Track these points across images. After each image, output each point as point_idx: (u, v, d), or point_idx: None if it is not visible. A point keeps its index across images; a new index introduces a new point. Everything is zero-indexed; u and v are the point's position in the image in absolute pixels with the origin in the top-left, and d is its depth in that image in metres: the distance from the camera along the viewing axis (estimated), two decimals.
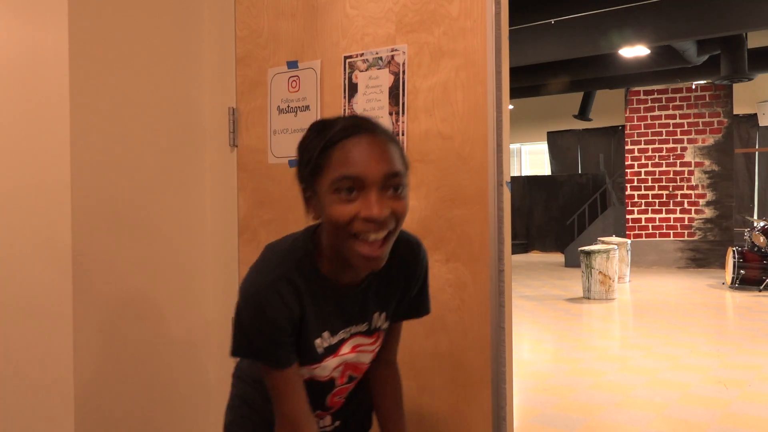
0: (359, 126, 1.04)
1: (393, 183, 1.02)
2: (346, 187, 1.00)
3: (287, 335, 1.09)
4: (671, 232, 11.62)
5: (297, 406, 1.12)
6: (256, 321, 1.07)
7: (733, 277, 8.43)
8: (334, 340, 1.17)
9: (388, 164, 1.02)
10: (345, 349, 1.19)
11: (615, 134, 13.87)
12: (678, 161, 11.56)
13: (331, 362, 1.18)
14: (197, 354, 2.09)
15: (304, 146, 1.09)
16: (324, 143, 1.03)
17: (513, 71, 7.80)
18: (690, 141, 11.47)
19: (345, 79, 1.89)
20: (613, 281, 8.14)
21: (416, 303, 1.30)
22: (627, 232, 11.83)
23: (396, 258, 1.17)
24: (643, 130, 11.82)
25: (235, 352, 1.11)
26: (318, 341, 1.15)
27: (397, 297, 1.25)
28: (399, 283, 1.23)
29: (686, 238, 11.50)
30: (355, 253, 1.02)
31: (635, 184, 11.92)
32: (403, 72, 1.78)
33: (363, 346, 1.22)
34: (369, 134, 1.04)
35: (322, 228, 1.11)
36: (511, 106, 7.82)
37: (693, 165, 11.46)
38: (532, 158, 16.29)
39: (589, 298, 8.14)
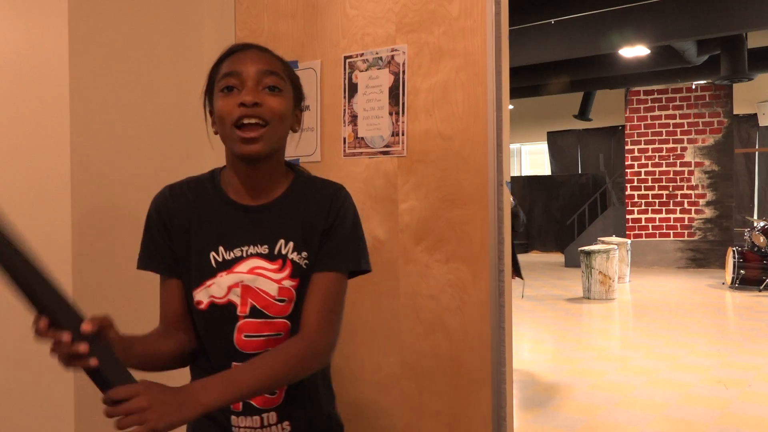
0: (247, 44, 1.24)
1: (269, 81, 1.18)
2: (228, 84, 1.17)
3: (165, 240, 1.22)
4: (671, 232, 11.63)
5: (171, 305, 1.24)
6: (145, 225, 1.25)
7: (733, 277, 8.43)
8: (229, 256, 1.19)
9: (262, 63, 1.19)
10: (241, 267, 1.19)
11: (615, 134, 13.87)
12: (678, 161, 11.56)
13: (225, 278, 1.18)
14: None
15: (207, 77, 1.27)
16: (217, 60, 1.24)
17: (513, 71, 7.78)
18: (690, 141, 11.47)
19: (345, 79, 1.89)
20: (613, 281, 8.14)
21: (334, 251, 1.20)
22: (627, 232, 11.83)
23: (309, 194, 1.24)
24: (643, 130, 11.82)
25: (138, 263, 1.26)
26: (212, 254, 1.20)
27: (311, 232, 1.20)
28: (312, 219, 1.21)
29: (686, 238, 11.50)
30: (235, 137, 1.15)
31: (635, 184, 11.92)
32: (403, 72, 1.78)
33: (263, 270, 1.18)
34: (253, 48, 1.22)
35: (224, 167, 1.27)
36: (511, 106, 7.82)
37: (693, 165, 11.46)
38: (532, 158, 16.29)
39: (589, 298, 8.14)
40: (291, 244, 1.20)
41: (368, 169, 1.84)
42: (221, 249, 1.20)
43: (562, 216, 14.23)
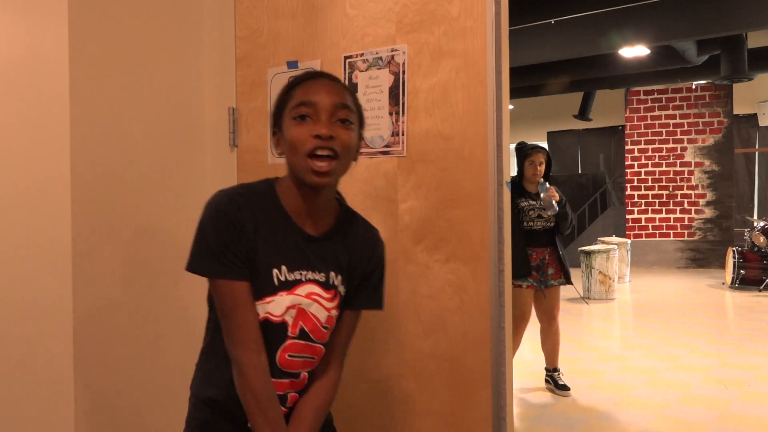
0: (319, 73, 1.29)
1: (341, 114, 1.21)
2: (302, 113, 1.20)
3: (237, 245, 1.19)
4: (671, 232, 11.62)
5: (248, 318, 1.19)
6: (208, 225, 1.19)
7: (733, 277, 8.43)
8: (291, 277, 1.23)
9: (338, 96, 1.22)
10: (300, 290, 1.24)
11: (615, 134, 13.86)
12: (678, 161, 11.56)
13: (285, 298, 1.22)
14: (197, 354, 2.08)
15: (276, 99, 1.29)
16: (289, 85, 1.26)
17: (513, 71, 7.77)
18: (690, 141, 11.46)
19: (345, 79, 1.89)
20: (613, 281, 8.13)
21: (370, 293, 1.35)
22: (627, 232, 11.82)
23: (356, 233, 1.32)
24: (643, 130, 11.81)
25: (191, 263, 1.21)
26: (275, 271, 1.23)
27: (353, 271, 1.31)
28: (356, 259, 1.31)
29: (686, 238, 11.50)
30: (307, 167, 1.18)
31: (635, 184, 11.92)
32: (403, 72, 1.78)
33: (318, 296, 1.26)
34: (326, 78, 1.26)
35: (279, 181, 1.29)
36: (511, 106, 7.82)
37: (693, 165, 11.46)
38: None
39: (589, 298, 8.14)
40: (340, 277, 1.29)
41: (368, 169, 1.84)
42: (284, 268, 1.23)
43: None
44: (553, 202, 4.00)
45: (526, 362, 5.08)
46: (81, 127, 1.75)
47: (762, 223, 8.68)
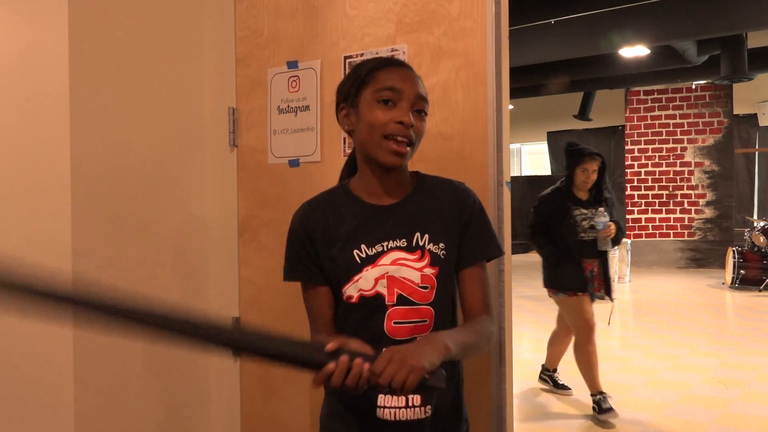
0: (401, 61, 1.35)
1: (419, 105, 1.29)
2: (387, 97, 1.26)
3: (309, 253, 1.31)
4: (671, 232, 11.62)
5: (321, 312, 1.32)
6: (288, 240, 1.35)
7: (733, 277, 8.43)
8: (372, 252, 1.29)
9: (420, 88, 1.29)
10: (384, 260, 1.28)
11: (615, 134, 13.86)
12: (678, 161, 11.55)
13: (371, 272, 1.28)
14: (197, 353, 2.08)
15: (352, 71, 1.34)
16: (373, 64, 1.30)
17: (513, 71, 7.77)
18: (690, 141, 11.46)
19: None
20: (613, 281, 8.13)
21: (481, 241, 1.35)
22: (627, 232, 11.82)
23: (437, 191, 1.36)
24: (643, 130, 11.81)
25: (284, 275, 1.36)
26: (356, 252, 1.29)
27: (449, 227, 1.32)
28: (445, 214, 1.33)
29: (686, 238, 11.49)
30: (385, 148, 1.25)
31: (635, 184, 11.91)
32: None
33: (404, 260, 1.29)
34: (409, 68, 1.33)
35: (351, 179, 1.38)
36: (511, 106, 7.82)
37: (693, 165, 11.45)
38: (532, 158, 16.28)
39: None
40: (427, 236, 1.30)
41: None
42: (363, 247, 1.29)
43: None
44: (609, 240, 3.75)
45: (526, 362, 5.08)
46: (81, 127, 1.75)
47: (762, 223, 8.68)
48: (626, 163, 12.01)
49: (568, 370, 4.73)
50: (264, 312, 2.07)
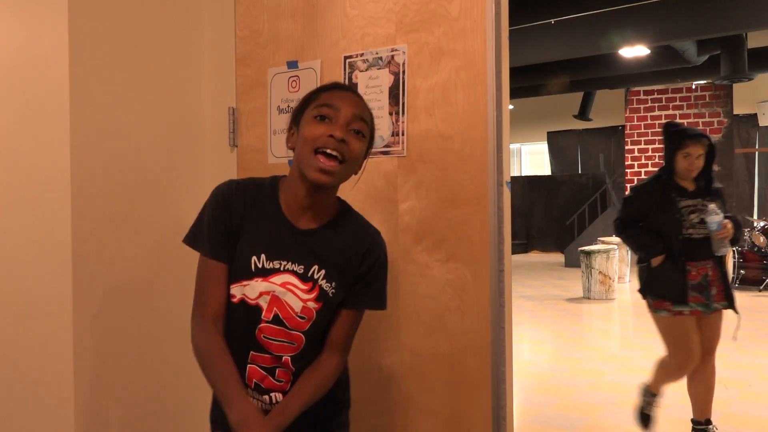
0: (347, 86, 1.44)
1: (357, 125, 1.31)
2: (323, 113, 1.29)
3: (222, 228, 1.32)
4: None
5: (214, 294, 1.32)
6: (207, 206, 1.35)
7: (733, 277, 8.43)
8: (269, 265, 1.32)
9: (358, 108, 1.33)
10: (275, 279, 1.32)
11: (615, 134, 13.86)
12: None
13: (259, 284, 1.31)
14: None
15: (302, 98, 1.38)
16: (321, 87, 1.37)
17: (513, 71, 7.75)
18: None
19: (345, 79, 1.89)
20: (613, 281, 8.13)
21: (367, 292, 1.39)
22: None
23: (350, 231, 1.38)
24: (643, 130, 11.82)
25: (186, 236, 1.36)
26: (254, 258, 1.32)
27: (346, 268, 1.35)
28: (349, 256, 1.36)
29: None
30: (314, 164, 1.26)
31: (635, 184, 11.91)
32: (403, 72, 1.78)
33: (293, 287, 1.32)
34: (352, 92, 1.38)
35: (285, 178, 1.38)
36: (511, 106, 7.82)
37: None
38: (532, 158, 16.29)
39: (589, 298, 8.14)
40: (323, 271, 1.34)
41: (368, 169, 1.83)
42: (263, 257, 1.31)
43: (562, 216, 14.22)
44: (727, 241, 3.03)
45: (526, 362, 5.08)
46: (81, 127, 1.75)
47: (762, 223, 8.68)
48: (626, 163, 12.02)
49: (568, 370, 4.73)
50: None
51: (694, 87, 11.29)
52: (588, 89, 11.41)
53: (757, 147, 11.82)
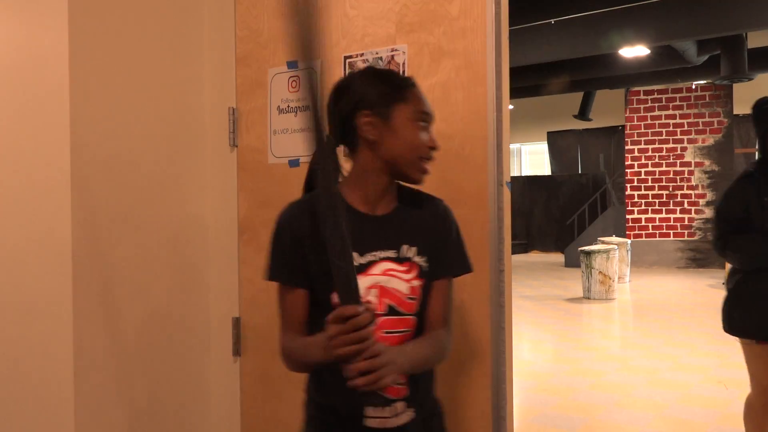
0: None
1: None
2: (425, 119, 1.33)
3: (296, 254, 1.30)
4: (671, 232, 11.63)
5: (295, 318, 1.33)
6: (274, 238, 1.34)
7: None
8: (363, 260, 1.29)
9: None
10: (375, 270, 1.30)
11: (615, 134, 13.87)
12: (678, 161, 11.56)
13: (363, 280, 1.27)
14: (197, 353, 2.09)
15: (375, 79, 1.34)
16: (402, 81, 1.35)
17: (513, 71, 7.72)
18: (690, 141, 11.47)
19: None
20: (613, 281, 8.14)
21: (456, 257, 1.40)
22: (627, 232, 11.82)
23: (421, 204, 1.40)
24: (643, 130, 11.82)
25: (265, 272, 1.35)
26: None
27: (428, 241, 1.35)
28: (431, 227, 1.37)
29: (686, 238, 11.50)
30: (420, 167, 1.32)
31: (635, 184, 11.92)
32: (403, 72, 1.78)
33: (394, 271, 1.31)
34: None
35: (346, 178, 1.38)
36: (511, 106, 7.82)
37: (693, 165, 11.46)
38: (532, 158, 16.30)
39: (589, 298, 8.14)
40: (414, 248, 1.34)
41: None
42: (355, 254, 1.27)
43: (562, 216, 14.23)
44: None
45: (526, 362, 5.08)
46: (81, 127, 1.75)
47: None
48: (626, 163, 12.02)
49: (568, 370, 4.73)
50: (264, 312, 2.07)
51: (694, 87, 11.29)
52: (588, 89, 11.42)
53: (756, 147, 11.83)
